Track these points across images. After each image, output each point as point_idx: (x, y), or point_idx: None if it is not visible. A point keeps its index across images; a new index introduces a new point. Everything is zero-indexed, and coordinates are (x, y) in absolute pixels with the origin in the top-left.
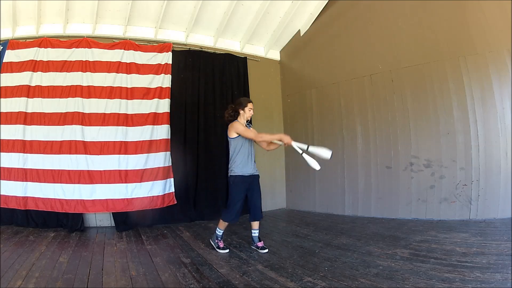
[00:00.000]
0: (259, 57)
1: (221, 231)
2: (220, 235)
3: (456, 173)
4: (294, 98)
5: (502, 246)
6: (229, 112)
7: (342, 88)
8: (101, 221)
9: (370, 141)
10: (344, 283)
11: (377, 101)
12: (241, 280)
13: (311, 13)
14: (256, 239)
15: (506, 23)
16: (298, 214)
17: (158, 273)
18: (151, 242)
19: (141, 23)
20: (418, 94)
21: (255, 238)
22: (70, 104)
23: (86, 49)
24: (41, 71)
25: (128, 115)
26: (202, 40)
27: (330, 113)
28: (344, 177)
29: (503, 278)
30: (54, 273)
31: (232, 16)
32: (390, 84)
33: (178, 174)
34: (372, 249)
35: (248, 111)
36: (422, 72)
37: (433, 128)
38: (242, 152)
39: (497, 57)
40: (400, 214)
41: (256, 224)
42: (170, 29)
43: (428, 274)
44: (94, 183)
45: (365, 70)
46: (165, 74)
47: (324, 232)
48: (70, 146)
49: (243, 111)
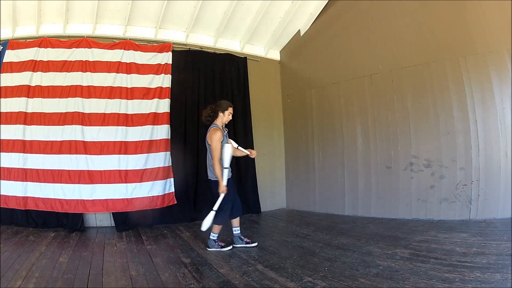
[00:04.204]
0: (259, 57)
1: (215, 234)
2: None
3: (456, 173)
4: (294, 98)
5: (502, 246)
6: (208, 112)
7: (342, 88)
8: (101, 221)
9: (370, 141)
10: (344, 283)
11: (377, 101)
12: (241, 280)
13: (311, 13)
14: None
15: (506, 23)
16: (298, 214)
17: (158, 273)
18: (151, 242)
19: (141, 23)
20: (418, 94)
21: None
22: (70, 104)
23: (86, 49)
24: (41, 71)
25: (128, 115)
26: (202, 40)
27: (330, 113)
28: (344, 177)
29: (503, 278)
30: (54, 273)
31: (232, 16)
32: (390, 84)
33: (178, 174)
34: (372, 249)
35: (228, 115)
36: (422, 72)
37: (433, 128)
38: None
39: (497, 57)
40: (400, 214)
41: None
42: (170, 29)
43: (428, 274)
44: (94, 183)
45: (365, 70)
46: (165, 74)
47: (324, 232)
48: (70, 146)
49: (222, 114)
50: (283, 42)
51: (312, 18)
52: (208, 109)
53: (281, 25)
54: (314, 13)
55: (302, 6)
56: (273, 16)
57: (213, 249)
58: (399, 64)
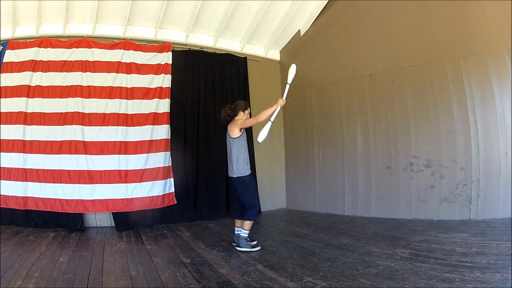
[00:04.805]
0: (259, 57)
1: (247, 231)
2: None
3: (456, 173)
4: (294, 98)
5: (502, 246)
6: (228, 111)
7: (342, 88)
8: (101, 221)
9: (370, 141)
10: (344, 283)
11: (377, 101)
12: (241, 280)
13: (311, 13)
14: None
15: (506, 23)
16: (298, 214)
17: (158, 273)
18: (151, 242)
19: (141, 23)
20: (418, 94)
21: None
22: (70, 104)
23: (86, 49)
24: (41, 71)
25: (128, 115)
26: (202, 40)
27: (330, 113)
28: (344, 177)
29: (503, 278)
30: (54, 273)
31: (232, 16)
32: (390, 84)
33: (178, 174)
34: (372, 249)
35: (247, 115)
36: (422, 72)
37: (433, 128)
38: (245, 151)
39: (497, 57)
40: (400, 214)
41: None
42: (170, 29)
43: (428, 274)
44: (94, 183)
45: (365, 70)
46: (165, 74)
47: (324, 232)
48: (70, 146)
49: (243, 113)
50: (283, 42)
51: (312, 18)
52: (227, 108)
53: (281, 25)
54: (314, 13)
55: (302, 6)
56: (273, 16)
57: (244, 249)
58: (399, 64)
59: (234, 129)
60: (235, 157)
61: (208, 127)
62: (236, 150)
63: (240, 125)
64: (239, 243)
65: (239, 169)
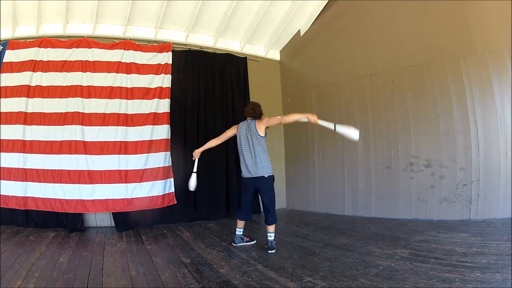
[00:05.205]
0: (259, 57)
1: (273, 233)
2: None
3: (456, 173)
4: (294, 98)
5: (502, 246)
6: (257, 111)
7: (342, 88)
8: (101, 221)
9: (370, 141)
10: (344, 283)
11: (377, 101)
12: (241, 280)
13: (311, 13)
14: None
15: (506, 23)
16: (298, 214)
17: (158, 273)
18: (151, 242)
19: (141, 23)
20: (418, 94)
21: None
22: (70, 104)
23: (86, 49)
24: (41, 71)
25: (128, 115)
26: (202, 40)
27: (330, 113)
28: (344, 177)
29: (503, 278)
30: (54, 273)
31: (232, 16)
32: (390, 84)
33: (178, 174)
34: (372, 249)
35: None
36: (422, 72)
37: (433, 128)
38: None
39: (497, 57)
40: (400, 214)
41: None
42: (170, 29)
43: (428, 274)
44: (94, 183)
45: (365, 70)
46: (165, 74)
47: (324, 232)
48: (70, 146)
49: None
50: (283, 42)
51: (312, 18)
52: (258, 107)
53: (281, 25)
54: (314, 13)
55: (302, 6)
56: (273, 16)
57: (273, 251)
58: (399, 64)
59: (262, 127)
60: (263, 155)
61: (208, 127)
62: (263, 148)
63: (266, 123)
64: (272, 246)
65: (267, 168)
